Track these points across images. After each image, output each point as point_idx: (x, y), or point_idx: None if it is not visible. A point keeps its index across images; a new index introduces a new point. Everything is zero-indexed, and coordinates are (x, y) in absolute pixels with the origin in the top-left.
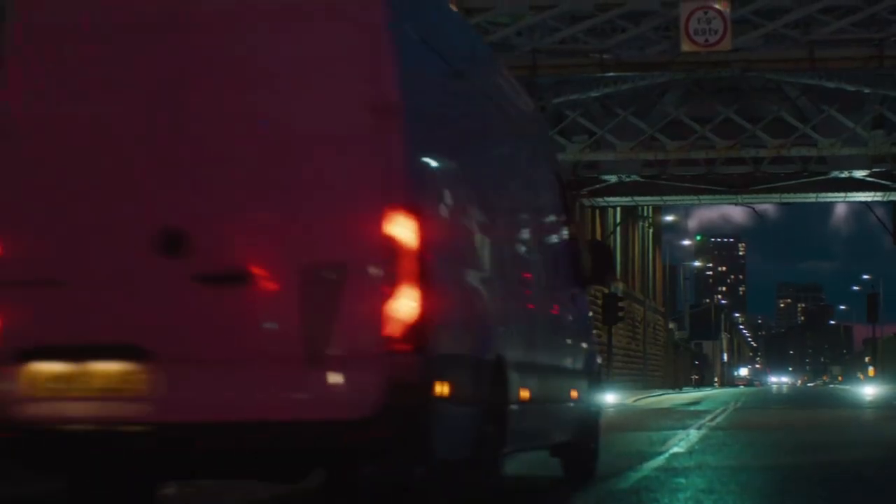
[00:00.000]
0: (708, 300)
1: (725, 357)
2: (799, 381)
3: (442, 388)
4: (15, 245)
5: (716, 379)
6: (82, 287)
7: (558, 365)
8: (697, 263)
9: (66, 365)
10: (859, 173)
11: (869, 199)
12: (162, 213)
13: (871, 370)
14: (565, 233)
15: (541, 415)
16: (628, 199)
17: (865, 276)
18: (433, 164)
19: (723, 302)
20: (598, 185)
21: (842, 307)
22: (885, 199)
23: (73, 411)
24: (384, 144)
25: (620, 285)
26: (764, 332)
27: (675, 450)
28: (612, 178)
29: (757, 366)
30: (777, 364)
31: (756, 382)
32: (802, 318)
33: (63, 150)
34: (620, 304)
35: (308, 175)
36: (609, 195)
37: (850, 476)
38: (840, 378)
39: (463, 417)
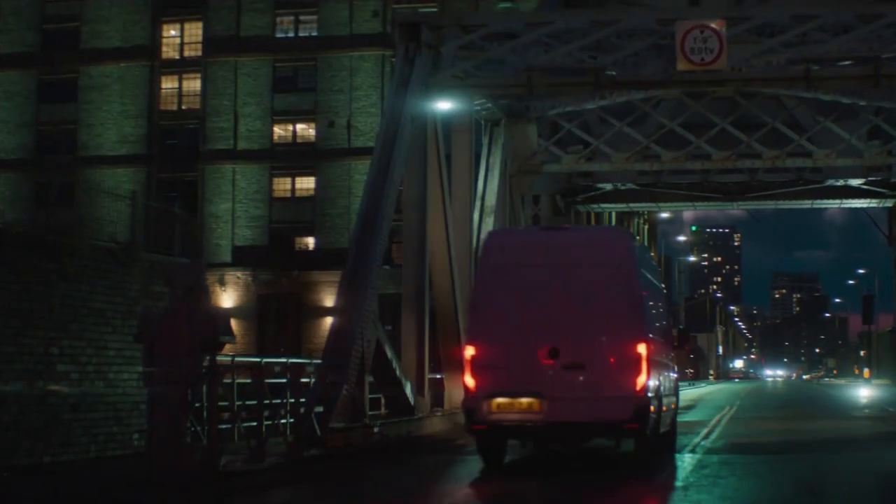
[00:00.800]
0: (703, 290)
1: (721, 350)
2: (794, 375)
3: (651, 409)
4: (484, 351)
5: (711, 371)
6: (515, 369)
7: (670, 392)
8: (692, 258)
9: (508, 399)
10: (855, 181)
11: (864, 206)
12: (549, 340)
13: (866, 371)
14: (667, 325)
15: (667, 417)
16: (623, 205)
17: (861, 270)
18: (648, 319)
19: (718, 295)
20: (593, 193)
21: (837, 300)
22: (880, 205)
23: (509, 417)
24: (637, 315)
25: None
26: (759, 323)
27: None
28: (608, 187)
29: (752, 356)
30: (772, 355)
31: (751, 374)
32: (798, 308)
33: (504, 311)
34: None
35: (607, 325)
36: (604, 202)
37: None
38: (835, 371)
39: (654, 418)
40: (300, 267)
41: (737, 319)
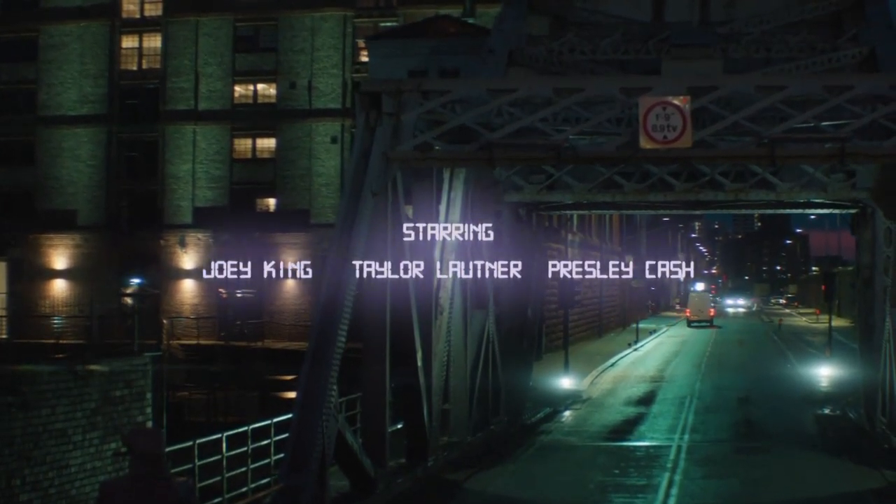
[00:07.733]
0: (667, 218)
1: (682, 277)
2: (755, 305)
3: (713, 316)
4: (690, 311)
5: (676, 300)
6: (695, 313)
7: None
8: None
9: (693, 316)
10: (817, 199)
11: (826, 213)
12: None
13: (827, 350)
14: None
15: (713, 319)
16: (585, 211)
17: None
18: (712, 305)
19: (679, 226)
20: (554, 202)
21: (798, 230)
22: (842, 213)
23: (695, 320)
24: (710, 305)
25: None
26: (721, 238)
27: None
28: (570, 200)
29: (714, 270)
30: (734, 273)
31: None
32: (759, 223)
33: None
34: (577, 289)
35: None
36: (566, 209)
37: None
38: (797, 304)
39: (712, 318)
40: (261, 228)
41: (699, 245)
